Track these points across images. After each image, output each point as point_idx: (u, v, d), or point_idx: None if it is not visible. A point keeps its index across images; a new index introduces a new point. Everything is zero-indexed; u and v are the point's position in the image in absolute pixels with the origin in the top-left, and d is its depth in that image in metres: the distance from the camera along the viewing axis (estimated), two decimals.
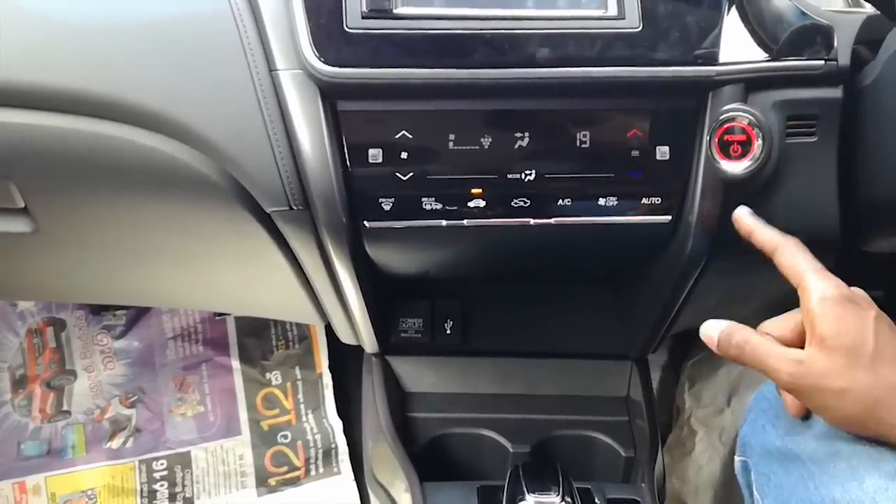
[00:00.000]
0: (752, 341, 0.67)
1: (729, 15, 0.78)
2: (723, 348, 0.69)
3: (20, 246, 0.92)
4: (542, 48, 0.75)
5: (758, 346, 0.66)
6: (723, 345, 0.69)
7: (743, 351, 0.67)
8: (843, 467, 0.66)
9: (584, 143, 0.79)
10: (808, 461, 0.69)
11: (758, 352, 0.66)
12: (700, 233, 0.83)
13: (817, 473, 0.67)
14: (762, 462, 0.75)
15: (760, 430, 0.77)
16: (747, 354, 0.67)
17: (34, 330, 1.43)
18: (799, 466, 0.69)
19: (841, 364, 0.62)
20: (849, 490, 0.64)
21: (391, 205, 0.80)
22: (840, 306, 0.64)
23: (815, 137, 0.81)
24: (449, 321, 1.10)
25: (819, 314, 0.64)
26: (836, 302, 0.64)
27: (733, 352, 0.68)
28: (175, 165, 0.77)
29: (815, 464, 0.68)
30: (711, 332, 0.71)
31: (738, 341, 0.68)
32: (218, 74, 0.76)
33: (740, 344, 0.67)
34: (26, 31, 0.75)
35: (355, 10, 0.73)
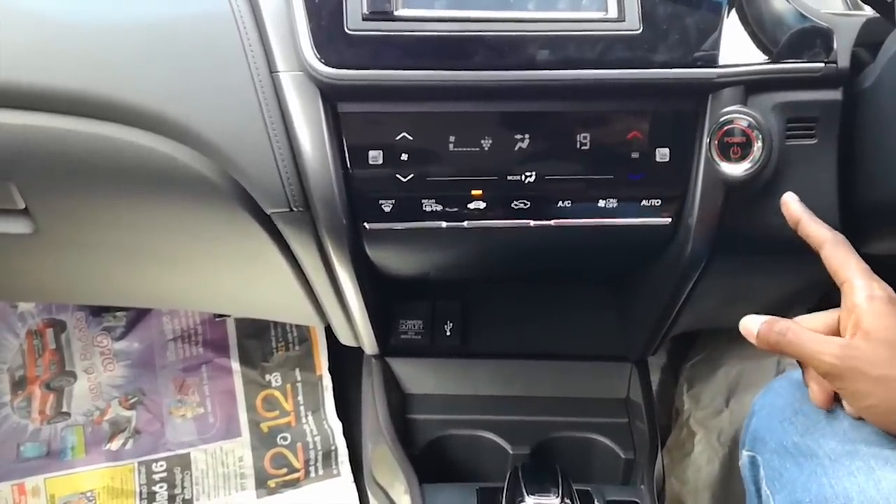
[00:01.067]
0: (794, 328, 0.69)
1: (729, 17, 0.78)
2: (763, 337, 0.71)
3: (21, 247, 0.92)
4: (542, 50, 0.75)
5: (800, 332, 0.69)
6: (763, 334, 0.71)
7: (784, 336, 0.69)
8: (861, 466, 0.67)
9: (585, 144, 0.79)
10: (824, 458, 0.70)
11: (801, 337, 0.68)
12: (700, 234, 0.83)
13: (832, 470, 0.68)
14: (775, 458, 0.75)
15: (777, 425, 0.77)
16: (788, 340, 0.69)
17: (34, 331, 1.43)
18: (814, 462, 0.70)
19: (884, 356, 0.64)
20: (865, 489, 0.65)
21: (391, 206, 0.80)
22: (887, 306, 0.66)
23: (814, 139, 0.81)
24: (449, 323, 1.10)
25: (867, 310, 0.66)
26: (884, 301, 0.67)
27: (774, 338, 0.70)
28: (175, 166, 0.77)
29: (831, 461, 0.69)
30: (751, 326, 0.72)
31: (780, 328, 0.70)
32: (219, 76, 0.76)
33: (782, 331, 0.69)
34: (26, 31, 0.75)
35: (356, 12, 0.74)
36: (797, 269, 0.92)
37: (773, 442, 0.76)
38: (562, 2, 0.76)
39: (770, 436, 0.77)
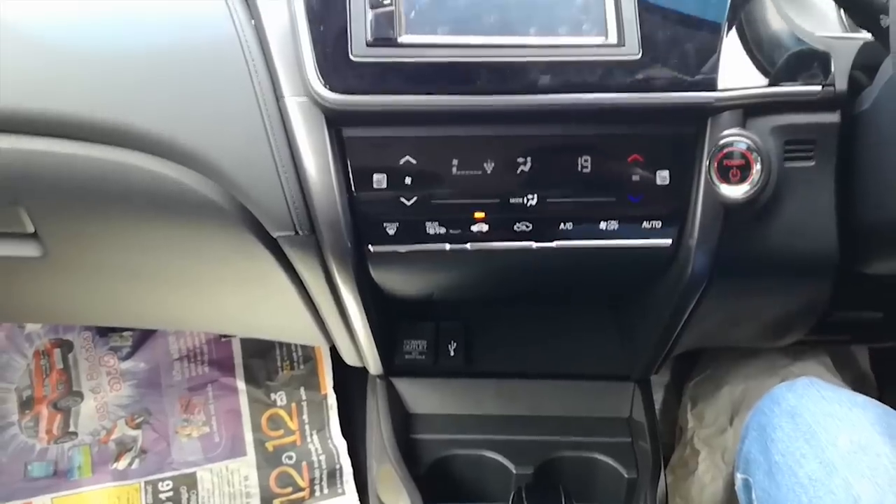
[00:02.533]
0: None
1: (727, 41, 0.79)
2: None
3: (29, 270, 0.94)
4: (543, 75, 0.76)
5: None
6: None
7: None
8: (839, 483, 0.67)
9: (586, 167, 0.80)
10: (804, 478, 0.70)
11: None
12: (701, 256, 0.84)
13: (812, 489, 0.68)
14: (766, 479, 0.76)
15: (765, 446, 0.78)
16: None
17: (41, 351, 1.44)
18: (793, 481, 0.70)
19: None
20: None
21: (395, 229, 0.81)
22: None
23: (812, 161, 0.82)
24: (452, 343, 1.11)
25: None
26: None
27: None
28: (182, 190, 0.78)
29: (811, 480, 0.69)
30: None
31: None
32: (225, 102, 0.77)
33: None
34: (36, 59, 0.76)
35: (360, 39, 0.75)
36: (797, 290, 0.92)
37: (765, 463, 0.77)
38: (563, 27, 0.77)
39: (762, 457, 0.78)
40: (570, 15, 0.78)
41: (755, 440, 0.80)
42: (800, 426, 0.79)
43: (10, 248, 0.89)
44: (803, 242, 0.85)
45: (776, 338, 1.05)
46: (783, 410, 0.81)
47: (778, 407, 0.81)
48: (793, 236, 0.84)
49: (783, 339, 1.05)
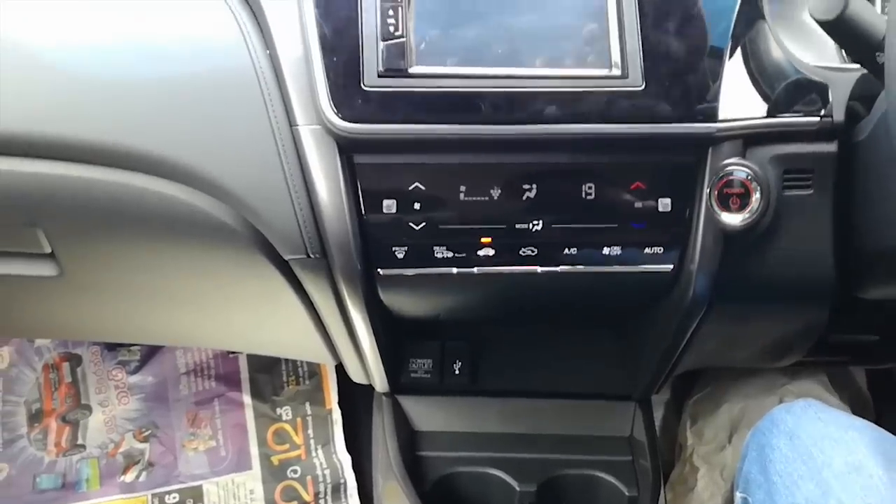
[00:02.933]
0: None
1: (728, 71, 0.81)
2: None
3: (45, 288, 0.96)
4: (549, 105, 0.78)
5: None
6: None
7: None
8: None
9: (590, 195, 0.82)
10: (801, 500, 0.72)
11: None
12: (701, 281, 0.86)
13: None
14: (768, 500, 0.78)
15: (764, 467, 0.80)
16: None
17: (51, 365, 1.46)
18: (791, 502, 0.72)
19: None
20: None
21: (404, 253, 0.83)
22: None
23: (811, 190, 0.84)
24: (458, 362, 1.12)
25: None
26: None
27: None
28: (197, 214, 0.80)
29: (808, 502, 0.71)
30: None
31: None
32: (240, 128, 0.79)
33: None
34: (57, 85, 0.79)
35: (372, 69, 0.77)
36: (795, 314, 0.94)
37: (765, 483, 0.79)
38: (568, 59, 0.80)
39: (761, 477, 0.80)
40: (576, 47, 0.80)
41: (755, 460, 0.82)
42: (797, 447, 0.81)
43: (27, 268, 0.91)
44: (801, 268, 0.87)
45: (775, 359, 1.07)
46: (781, 432, 0.83)
47: (776, 428, 0.83)
48: (791, 262, 0.86)
49: (782, 360, 1.07)
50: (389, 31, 0.78)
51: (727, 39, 0.81)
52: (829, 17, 0.74)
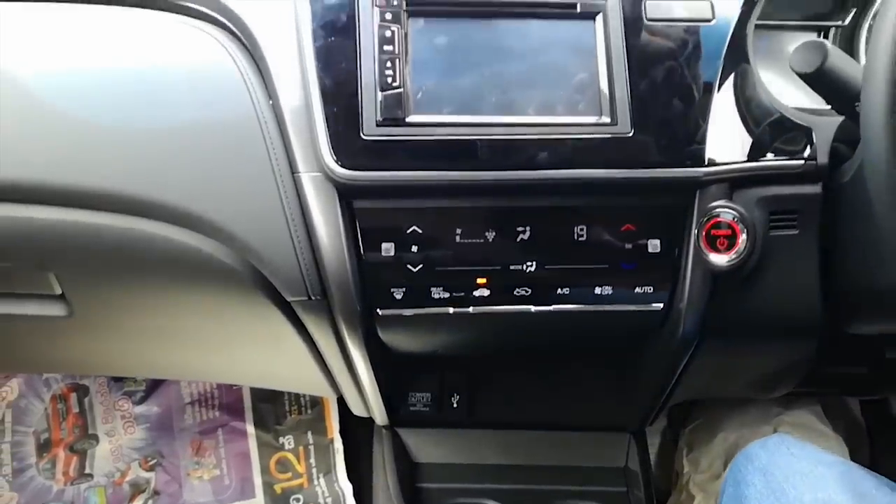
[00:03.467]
0: None
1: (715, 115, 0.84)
2: None
3: (55, 328, 0.98)
4: (542, 152, 0.81)
5: None
6: None
7: None
8: None
9: (582, 236, 0.85)
10: None
11: None
12: (691, 319, 0.88)
13: None
14: None
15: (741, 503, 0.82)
16: None
17: (59, 395, 1.48)
18: None
19: None
20: None
21: (402, 294, 0.85)
22: None
23: (796, 230, 0.86)
24: (455, 395, 1.14)
25: None
26: None
27: None
28: (202, 258, 0.83)
29: None
30: None
31: None
32: (244, 175, 0.82)
33: None
34: (68, 135, 0.82)
35: (370, 119, 0.80)
36: (784, 350, 0.96)
37: None
38: (560, 107, 0.83)
39: None
40: (567, 95, 0.83)
41: (731, 496, 0.84)
42: (770, 483, 0.83)
43: (38, 308, 0.94)
44: (788, 306, 0.89)
45: (766, 391, 1.09)
46: (756, 468, 0.85)
47: (751, 464, 0.85)
48: (778, 300, 0.88)
49: (773, 392, 1.09)
50: (387, 81, 0.81)
51: (713, 85, 0.84)
52: (809, 70, 0.76)
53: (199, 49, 0.85)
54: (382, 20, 0.82)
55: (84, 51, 0.85)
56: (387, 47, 0.81)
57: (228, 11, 0.86)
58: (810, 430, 1.33)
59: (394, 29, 0.82)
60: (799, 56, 0.77)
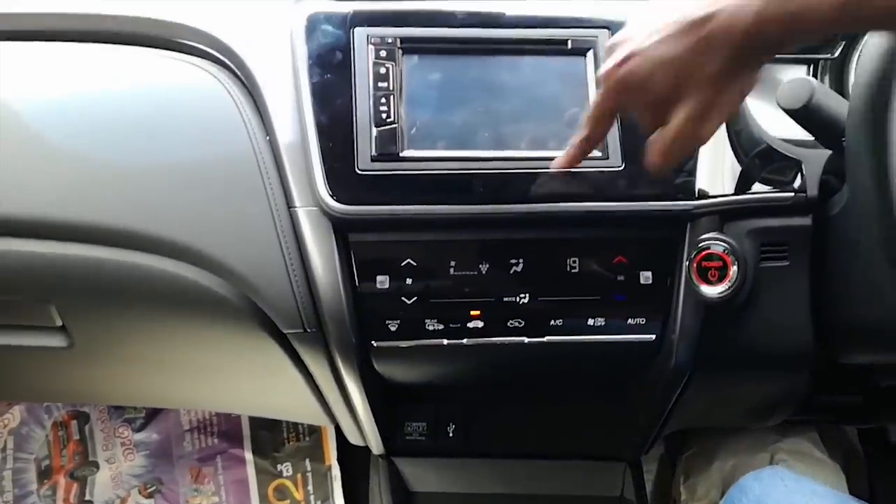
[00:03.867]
0: None
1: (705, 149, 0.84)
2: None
3: (56, 358, 1.00)
4: (534, 186, 0.83)
5: None
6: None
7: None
8: None
9: (574, 268, 0.86)
10: None
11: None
12: (683, 350, 0.89)
13: None
14: None
15: None
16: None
17: (59, 423, 1.49)
18: None
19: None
20: None
21: (397, 326, 0.86)
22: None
23: (787, 262, 0.87)
24: (451, 425, 1.14)
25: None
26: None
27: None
28: (200, 291, 0.84)
29: None
30: None
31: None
32: (242, 211, 0.83)
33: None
34: (69, 171, 0.83)
35: (366, 154, 0.81)
36: (777, 379, 0.97)
37: None
38: (551, 142, 0.84)
39: None
40: (559, 130, 0.85)
41: None
42: None
43: (39, 339, 0.96)
44: (780, 337, 0.90)
45: (760, 420, 1.10)
46: (750, 500, 0.85)
47: (745, 497, 0.86)
48: (770, 331, 0.89)
49: (768, 421, 1.10)
50: (382, 117, 0.82)
51: None
52: (796, 107, 0.78)
53: (198, 86, 0.87)
54: (377, 57, 0.84)
55: (85, 88, 0.87)
56: (381, 84, 0.83)
57: (226, 48, 0.88)
58: (807, 457, 1.33)
59: (388, 66, 0.84)
60: (786, 93, 0.79)
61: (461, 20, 0.86)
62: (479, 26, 0.86)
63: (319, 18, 0.85)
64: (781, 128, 0.89)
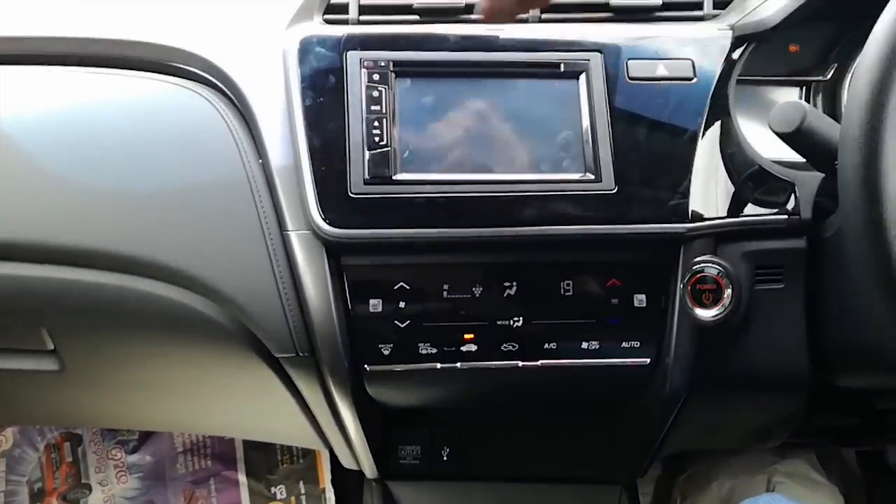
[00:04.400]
0: None
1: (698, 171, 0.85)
2: None
3: (47, 382, 0.99)
4: (527, 209, 0.82)
5: None
6: None
7: None
8: None
9: (568, 291, 0.86)
10: None
11: None
12: (678, 373, 0.88)
13: None
14: None
15: None
16: None
17: (52, 445, 1.48)
18: None
19: None
20: None
21: (390, 350, 0.86)
22: None
23: (781, 284, 0.87)
24: (445, 448, 1.14)
25: None
26: None
27: None
28: (192, 314, 0.84)
29: None
30: None
31: None
32: (234, 234, 0.83)
33: None
34: (62, 196, 0.83)
35: (358, 177, 0.81)
36: (773, 403, 0.96)
37: None
38: (544, 165, 0.84)
39: None
40: (551, 153, 0.85)
41: None
42: None
43: (31, 363, 0.95)
44: (775, 360, 0.89)
45: (757, 442, 1.09)
46: None
47: None
48: (765, 354, 0.89)
49: (764, 443, 1.09)
50: (375, 140, 0.82)
51: (696, 142, 0.85)
52: (788, 130, 0.78)
53: (191, 109, 0.87)
54: (370, 80, 0.84)
55: (77, 111, 0.87)
56: (374, 107, 0.83)
57: (219, 72, 0.88)
58: (805, 479, 1.33)
59: (381, 89, 0.84)
60: (778, 117, 0.78)
61: (454, 44, 0.87)
62: (472, 50, 0.87)
63: (312, 42, 0.86)
64: (774, 149, 0.89)
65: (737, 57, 0.91)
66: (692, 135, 0.86)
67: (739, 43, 0.91)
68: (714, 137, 0.88)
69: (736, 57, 0.90)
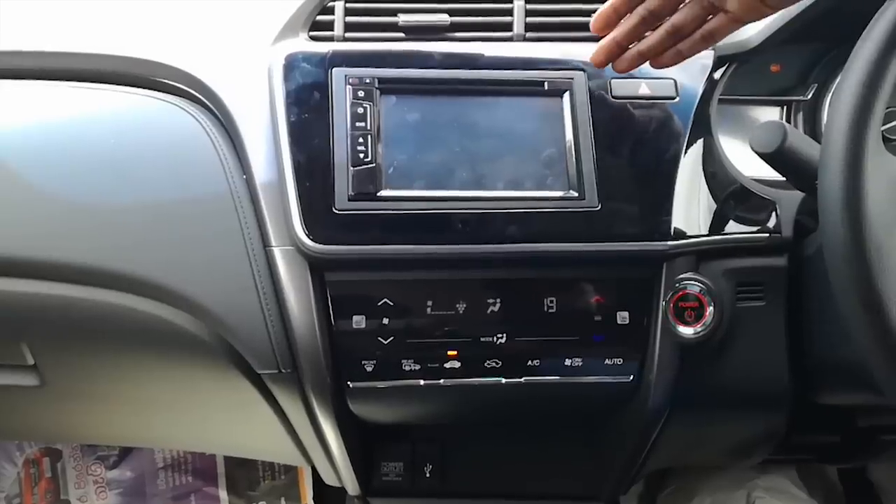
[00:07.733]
0: None
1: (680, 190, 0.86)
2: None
3: (27, 397, 0.98)
4: (511, 226, 0.83)
5: None
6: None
7: None
8: None
9: (551, 308, 0.86)
10: None
11: None
12: (660, 390, 0.89)
13: None
14: None
15: None
16: None
17: (31, 460, 1.46)
18: None
19: None
20: None
21: (373, 366, 0.86)
22: None
23: (763, 302, 0.88)
24: (428, 465, 1.13)
25: None
26: None
27: None
28: (174, 330, 0.83)
29: None
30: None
31: None
32: (217, 250, 0.83)
33: None
34: (44, 211, 0.83)
35: (343, 193, 0.81)
36: (754, 419, 0.96)
37: None
38: (528, 181, 0.85)
39: None
40: (535, 170, 0.85)
41: None
42: None
43: (10, 378, 0.94)
44: (757, 377, 0.90)
45: (739, 459, 1.10)
46: None
47: None
48: (747, 371, 0.89)
49: (746, 460, 1.09)
50: (360, 157, 0.82)
51: (678, 160, 0.86)
52: (769, 150, 0.78)
53: (175, 124, 0.87)
54: (355, 97, 0.84)
55: (60, 126, 0.87)
56: (359, 124, 0.83)
57: (204, 87, 0.88)
58: (785, 494, 1.33)
59: (366, 106, 0.84)
60: (759, 137, 0.79)
61: (439, 61, 0.87)
62: (457, 67, 0.87)
63: (298, 58, 0.86)
64: (755, 168, 0.90)
65: (718, 77, 0.92)
66: (675, 153, 0.87)
67: (721, 63, 0.92)
68: (696, 156, 0.89)
69: (718, 77, 0.92)
